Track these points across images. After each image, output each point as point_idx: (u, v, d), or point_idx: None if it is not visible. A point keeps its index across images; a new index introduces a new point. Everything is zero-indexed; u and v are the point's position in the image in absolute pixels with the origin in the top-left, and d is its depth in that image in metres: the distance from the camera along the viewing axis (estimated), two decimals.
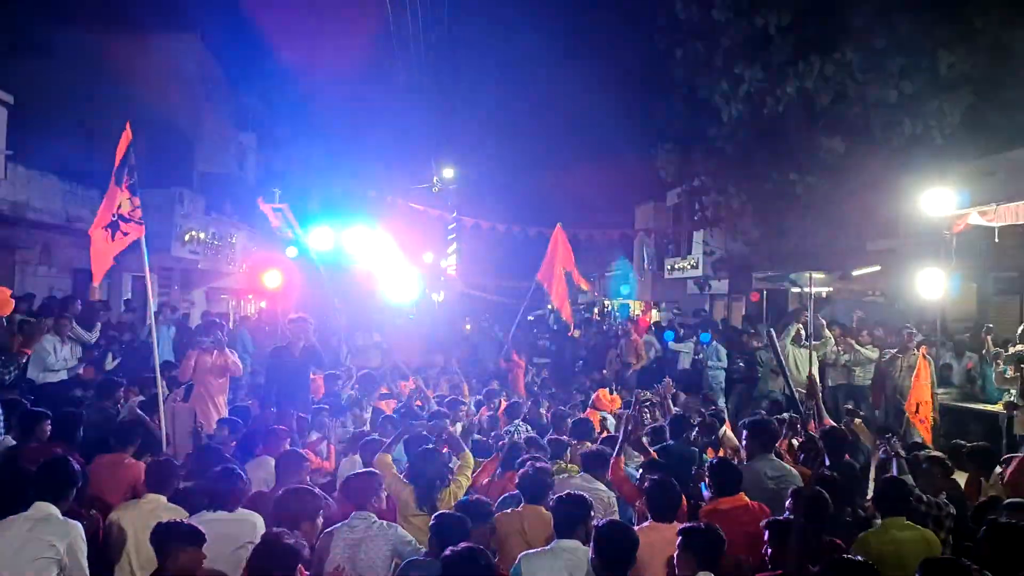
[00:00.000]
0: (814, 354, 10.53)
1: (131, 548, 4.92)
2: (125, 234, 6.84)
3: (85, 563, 4.30)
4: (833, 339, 11.89)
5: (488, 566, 3.77)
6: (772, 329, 8.38)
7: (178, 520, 4.20)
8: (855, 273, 14.73)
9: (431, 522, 4.47)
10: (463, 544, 3.87)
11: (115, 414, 7.93)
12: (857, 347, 11.84)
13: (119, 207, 6.86)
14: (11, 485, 4.94)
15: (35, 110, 12.23)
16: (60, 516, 4.37)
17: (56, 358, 9.28)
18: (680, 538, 4.03)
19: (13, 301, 6.35)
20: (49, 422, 6.36)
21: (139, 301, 15.57)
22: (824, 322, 12.00)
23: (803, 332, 11.51)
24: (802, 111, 13.99)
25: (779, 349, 7.99)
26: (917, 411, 9.16)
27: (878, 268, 14.19)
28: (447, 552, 3.79)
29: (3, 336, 8.02)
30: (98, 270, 6.86)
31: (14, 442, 6.32)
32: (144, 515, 4.98)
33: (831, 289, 16.28)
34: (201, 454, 6.36)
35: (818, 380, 11.45)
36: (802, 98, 13.80)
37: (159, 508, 5.04)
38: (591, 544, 3.92)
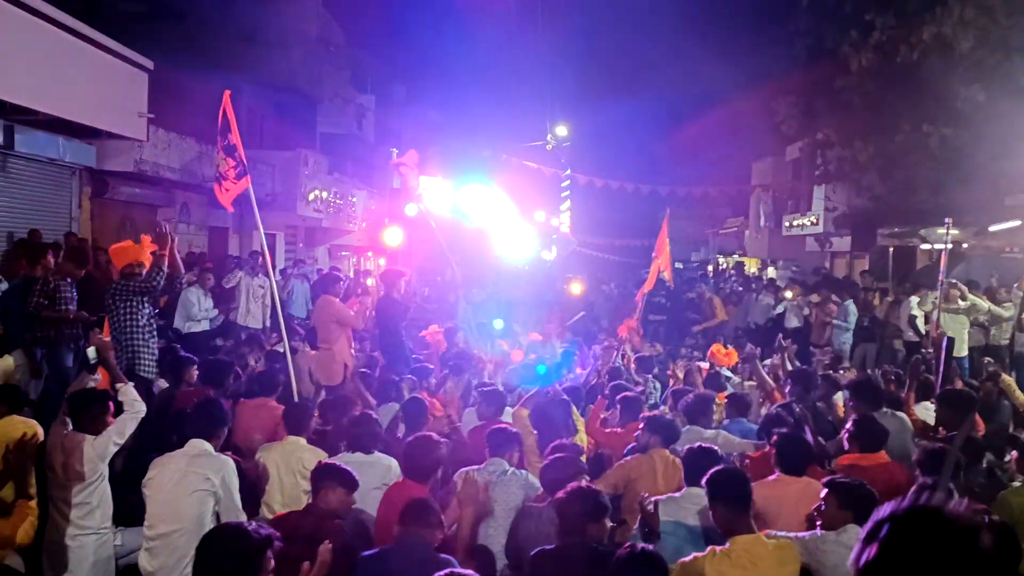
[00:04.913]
0: (965, 317, 10.15)
1: (275, 485, 5.25)
2: (226, 190, 7.25)
3: (238, 496, 4.61)
4: (983, 299, 11.33)
5: (600, 503, 3.87)
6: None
7: (338, 464, 4.45)
8: (992, 229, 13.96)
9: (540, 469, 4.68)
10: (574, 484, 3.99)
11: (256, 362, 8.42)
12: (990, 305, 11.32)
13: (218, 166, 7.33)
14: (169, 424, 5.37)
15: (172, 75, 12.88)
16: (214, 452, 4.71)
17: (200, 309, 9.95)
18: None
19: (145, 251, 6.85)
20: (195, 367, 6.85)
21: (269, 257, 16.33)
22: (962, 289, 11.39)
23: (959, 292, 11.01)
24: (938, 59, 13.21)
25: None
26: None
27: (1018, 223, 13.41)
28: (561, 493, 3.92)
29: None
30: (224, 202, 7.48)
31: (166, 384, 6.84)
32: (286, 455, 5.31)
33: (965, 246, 15.49)
34: (334, 399, 6.71)
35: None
36: (939, 45, 13.03)
37: (300, 449, 5.34)
38: (706, 490, 3.97)
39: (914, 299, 11.46)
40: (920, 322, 11.40)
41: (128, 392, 4.81)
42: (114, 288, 6.74)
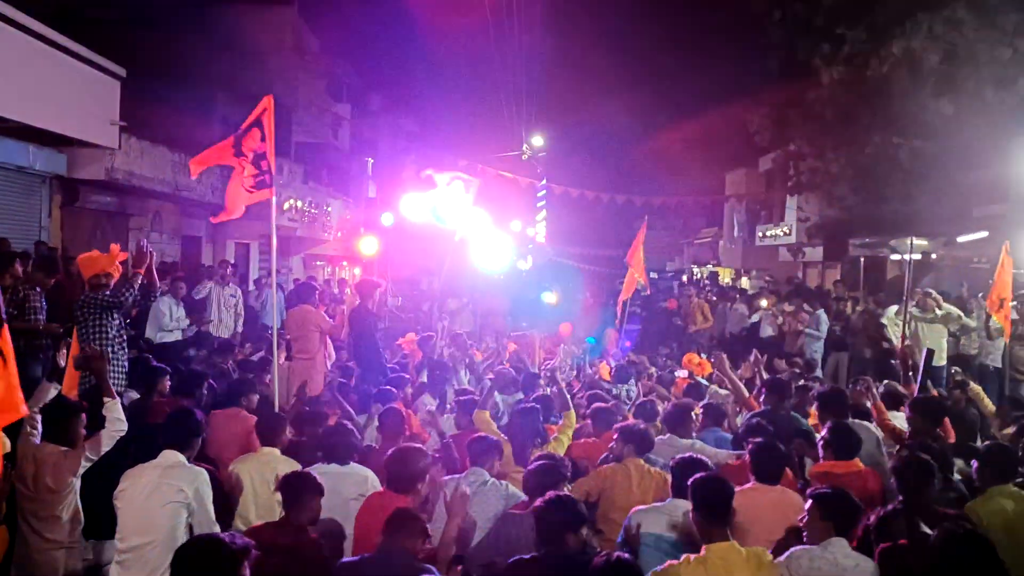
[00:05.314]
0: (942, 326, 10.27)
1: (249, 496, 5.20)
2: (250, 192, 6.93)
3: (211, 507, 4.55)
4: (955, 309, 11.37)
5: (579, 512, 3.86)
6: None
7: (307, 472, 4.42)
8: (961, 239, 14.18)
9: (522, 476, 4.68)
10: (552, 492, 3.99)
11: (230, 371, 8.34)
12: (961, 314, 11.44)
13: (247, 174, 6.95)
14: (140, 436, 5.30)
15: (145, 83, 12.76)
16: (187, 463, 4.66)
17: (171, 319, 9.85)
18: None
19: (113, 261, 6.75)
20: (168, 378, 6.77)
21: (243, 267, 16.20)
22: (937, 298, 11.38)
23: (934, 302, 11.03)
24: (908, 72, 13.43)
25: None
26: (1001, 307, 8.88)
27: (985, 234, 13.63)
28: (539, 502, 3.91)
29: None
30: (231, 209, 6.95)
31: (137, 395, 6.75)
32: (261, 466, 5.24)
33: (934, 256, 15.74)
34: (309, 411, 6.65)
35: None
36: (908, 59, 13.25)
37: (274, 460, 5.28)
38: (691, 500, 3.97)
39: (892, 308, 11.56)
40: (891, 330, 11.52)
41: (114, 408, 4.74)
42: (82, 300, 6.63)
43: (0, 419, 3.28)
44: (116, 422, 4.72)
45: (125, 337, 6.96)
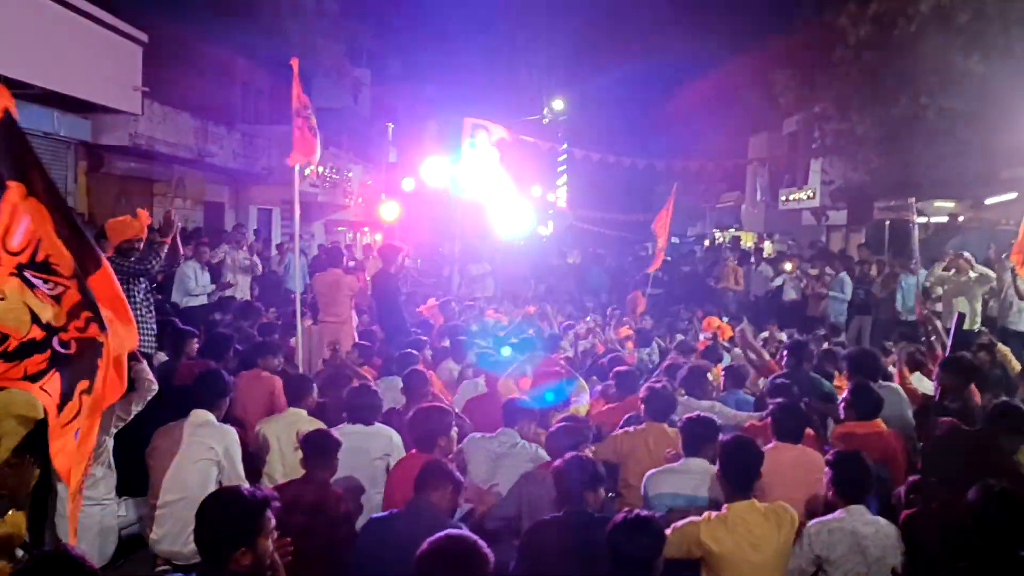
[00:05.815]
0: (976, 289, 10.19)
1: (276, 456, 5.29)
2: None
3: (240, 466, 4.66)
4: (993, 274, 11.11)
5: (597, 472, 3.91)
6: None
7: (325, 429, 4.50)
8: (988, 202, 13.98)
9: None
10: (571, 453, 4.05)
11: (252, 335, 8.44)
12: (994, 277, 11.26)
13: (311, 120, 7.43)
14: (170, 395, 5.39)
15: (166, 48, 12.76)
16: (216, 422, 4.76)
17: (197, 283, 9.96)
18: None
19: (143, 228, 6.83)
20: (195, 340, 6.86)
21: (266, 232, 16.28)
22: (969, 259, 11.10)
23: (967, 264, 10.75)
24: (937, 30, 13.15)
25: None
26: None
27: (1014, 195, 13.44)
28: (557, 462, 3.98)
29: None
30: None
31: (166, 358, 6.86)
32: (287, 427, 5.32)
33: (961, 219, 15.52)
34: (333, 372, 6.74)
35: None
36: (937, 16, 12.96)
37: (300, 421, 5.35)
38: (717, 460, 4.00)
39: (923, 272, 11.42)
40: (931, 291, 11.39)
41: (142, 371, 4.83)
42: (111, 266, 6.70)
43: (126, 347, 3.62)
44: (147, 383, 4.81)
45: (152, 301, 7.05)
